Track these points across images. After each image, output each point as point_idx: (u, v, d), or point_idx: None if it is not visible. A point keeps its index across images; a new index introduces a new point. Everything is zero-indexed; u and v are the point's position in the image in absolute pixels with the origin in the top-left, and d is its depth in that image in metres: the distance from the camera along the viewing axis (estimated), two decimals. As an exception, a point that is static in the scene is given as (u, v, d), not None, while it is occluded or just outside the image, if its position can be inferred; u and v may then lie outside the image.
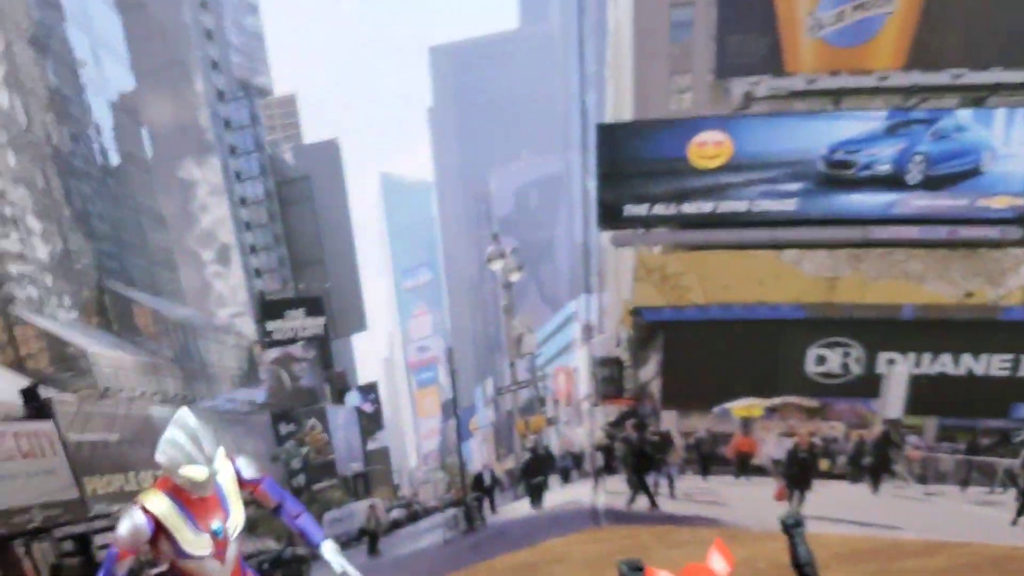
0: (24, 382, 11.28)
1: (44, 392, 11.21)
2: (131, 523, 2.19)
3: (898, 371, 8.64)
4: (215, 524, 2.14)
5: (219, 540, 2.14)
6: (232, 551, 2.18)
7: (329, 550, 2.25)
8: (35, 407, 10.79)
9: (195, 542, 2.11)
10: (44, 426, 8.92)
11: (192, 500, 2.05)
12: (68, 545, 11.25)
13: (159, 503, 2.07)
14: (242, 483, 2.11)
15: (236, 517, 2.16)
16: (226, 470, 2.03)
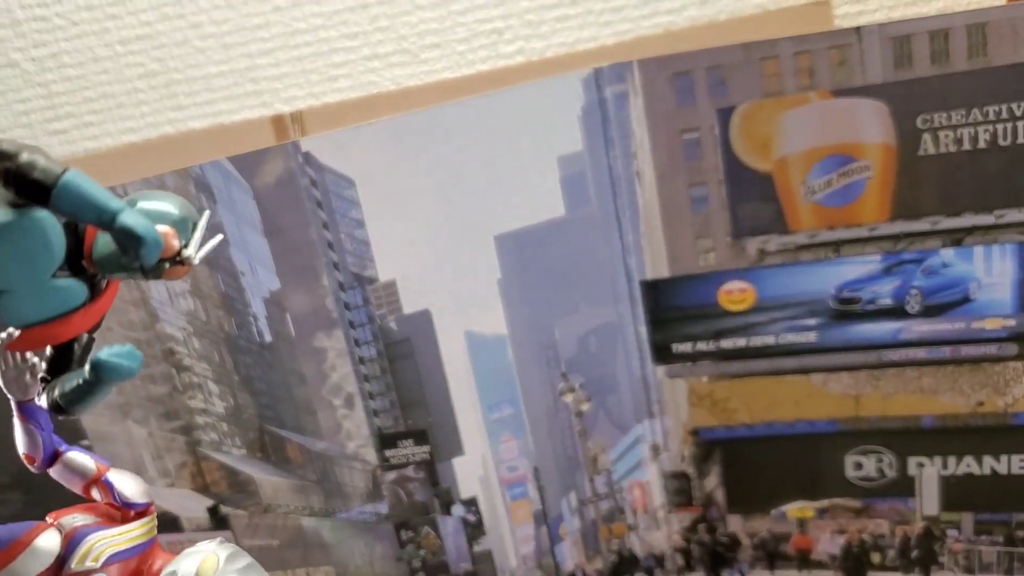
0: (209, 502, 11.56)
1: (223, 509, 11.40)
2: None
3: (927, 473, 8.13)
4: None
5: None
6: None
7: None
8: (218, 520, 11.04)
9: None
10: (225, 534, 8.98)
11: None
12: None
13: None
14: None
15: None
16: None
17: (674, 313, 1.15)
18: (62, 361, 0.35)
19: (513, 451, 1.31)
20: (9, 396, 0.38)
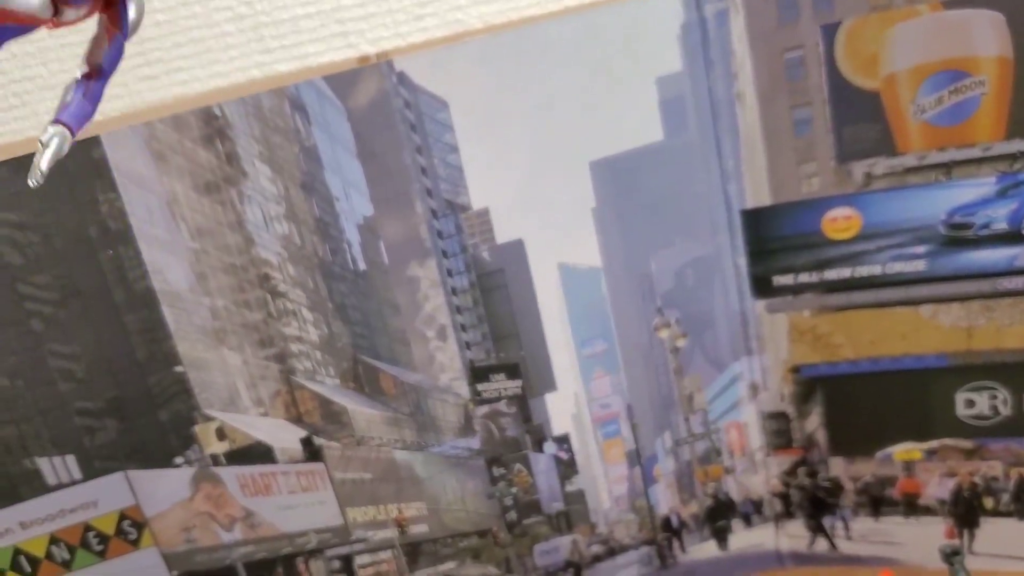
0: (302, 433, 12.03)
1: (317, 440, 11.84)
2: None
3: (1048, 410, 7.82)
4: None
5: None
6: None
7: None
8: (311, 452, 11.52)
9: None
10: (317, 467, 9.24)
11: None
12: (336, 564, 11.64)
13: None
14: None
15: None
16: None
17: (775, 243, 1.14)
18: None
19: (606, 388, 1.33)
20: None
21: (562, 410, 1.23)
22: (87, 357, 1.06)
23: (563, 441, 1.37)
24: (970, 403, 1.11)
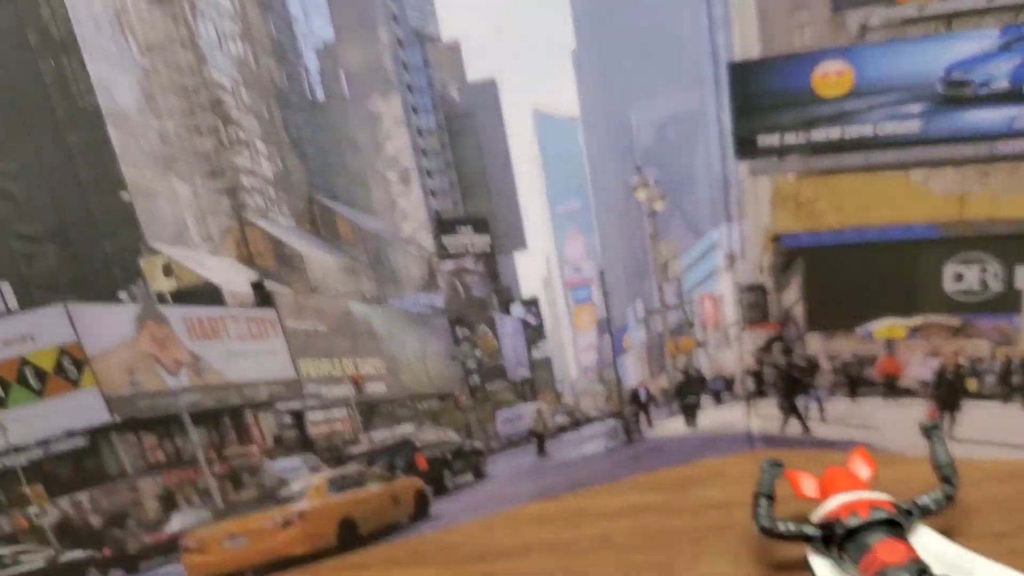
0: (253, 276, 12.07)
1: (268, 284, 11.84)
2: None
3: (1038, 286, 7.93)
4: None
5: None
6: None
7: None
8: (261, 296, 11.50)
9: None
10: (268, 314, 9.19)
11: None
12: (287, 418, 11.89)
13: None
14: None
15: None
16: None
17: (762, 99, 1.13)
18: None
19: (579, 248, 1.34)
20: None
21: (532, 272, 1.24)
22: (26, 176, 1.04)
23: (532, 304, 1.38)
24: (958, 276, 1.12)
